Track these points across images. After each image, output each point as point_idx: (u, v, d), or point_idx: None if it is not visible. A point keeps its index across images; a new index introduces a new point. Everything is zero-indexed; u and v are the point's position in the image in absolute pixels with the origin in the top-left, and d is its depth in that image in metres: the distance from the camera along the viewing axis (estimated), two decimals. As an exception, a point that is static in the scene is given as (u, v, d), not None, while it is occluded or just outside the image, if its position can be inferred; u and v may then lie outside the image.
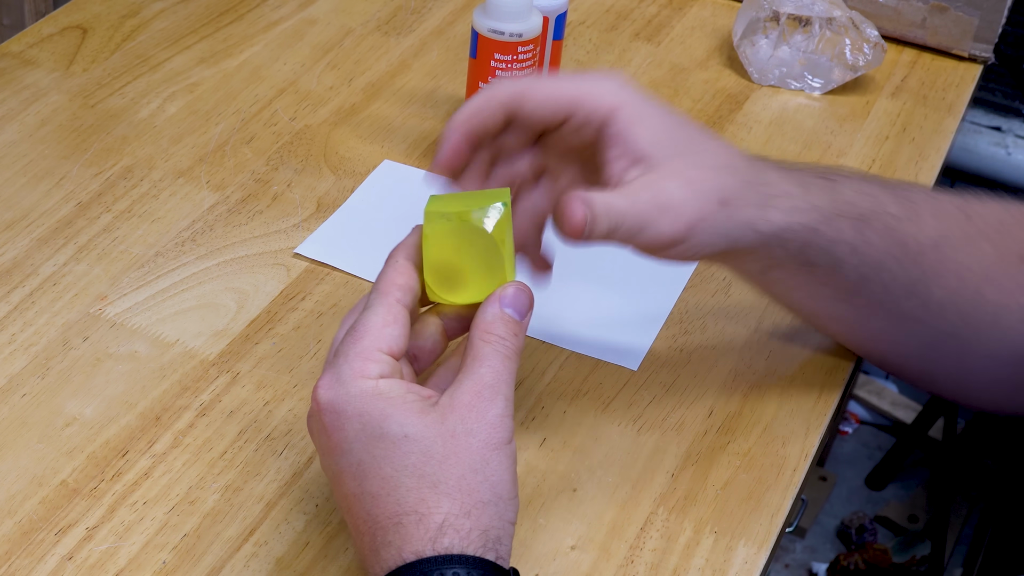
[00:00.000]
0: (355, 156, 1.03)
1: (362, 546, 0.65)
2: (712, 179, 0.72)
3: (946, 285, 0.79)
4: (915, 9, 1.21)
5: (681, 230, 0.71)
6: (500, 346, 0.66)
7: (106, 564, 0.72)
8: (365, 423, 0.64)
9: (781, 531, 0.78)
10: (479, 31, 0.96)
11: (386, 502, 0.64)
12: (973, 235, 0.79)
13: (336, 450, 0.65)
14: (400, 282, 0.68)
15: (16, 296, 0.88)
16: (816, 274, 0.78)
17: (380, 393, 0.65)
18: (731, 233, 0.73)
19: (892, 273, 0.78)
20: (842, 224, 0.75)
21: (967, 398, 0.87)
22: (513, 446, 0.66)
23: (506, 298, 0.68)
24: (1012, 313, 0.79)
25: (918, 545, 2.10)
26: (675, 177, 0.71)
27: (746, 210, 0.72)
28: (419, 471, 0.63)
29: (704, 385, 0.86)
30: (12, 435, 0.78)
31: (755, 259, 0.77)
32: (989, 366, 0.81)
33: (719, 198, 0.71)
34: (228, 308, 0.88)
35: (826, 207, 0.75)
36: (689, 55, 1.20)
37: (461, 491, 0.63)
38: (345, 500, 0.66)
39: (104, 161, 1.00)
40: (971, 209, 0.80)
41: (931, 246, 0.78)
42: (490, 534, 0.64)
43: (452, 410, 0.65)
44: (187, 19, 1.17)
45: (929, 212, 0.79)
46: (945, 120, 1.15)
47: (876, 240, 0.77)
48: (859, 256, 0.77)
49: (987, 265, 0.79)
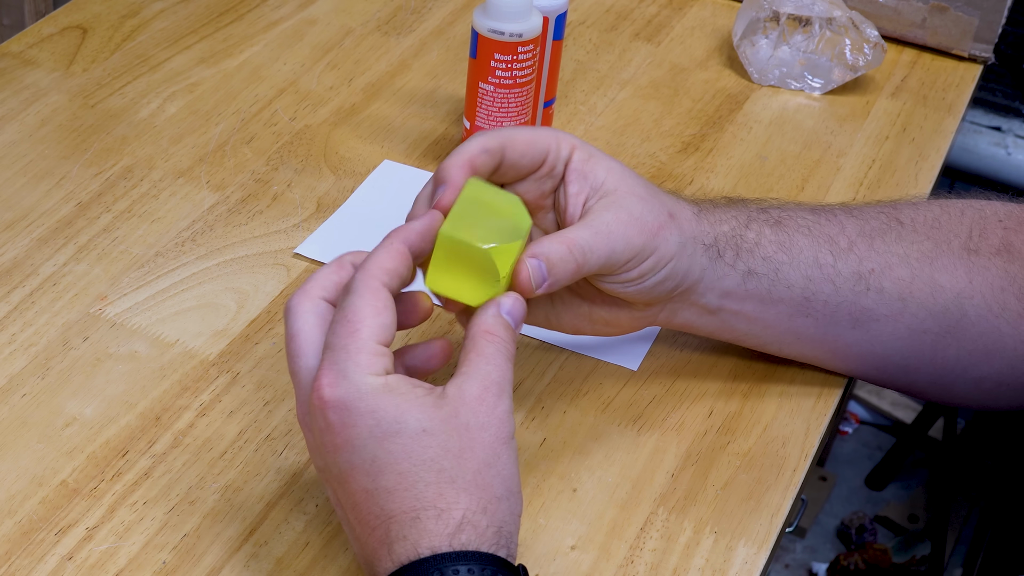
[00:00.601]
0: (355, 156, 1.03)
1: (370, 541, 0.65)
2: (657, 196, 0.77)
3: (897, 276, 0.80)
4: (915, 9, 1.21)
5: (648, 238, 0.75)
6: (502, 346, 0.68)
7: (106, 564, 0.72)
8: (379, 419, 0.64)
9: (781, 531, 0.78)
10: (479, 31, 0.96)
11: (404, 497, 0.64)
12: (907, 233, 0.82)
13: (344, 447, 0.65)
14: (389, 266, 0.68)
15: (16, 296, 0.88)
16: (763, 285, 0.80)
17: (391, 389, 0.65)
18: (685, 246, 0.77)
19: (834, 268, 0.80)
20: (761, 227, 0.80)
21: (952, 398, 0.87)
22: (516, 443, 0.67)
23: (505, 306, 0.69)
24: (972, 300, 0.80)
25: (918, 545, 2.10)
26: (629, 195, 0.76)
27: (688, 224, 0.78)
28: (438, 465, 0.64)
29: (704, 385, 0.86)
30: (12, 435, 0.78)
31: (708, 286, 0.79)
32: (965, 361, 0.82)
33: (668, 211, 0.77)
34: (228, 308, 0.88)
35: (740, 216, 0.80)
36: (689, 55, 1.20)
37: (478, 486, 0.64)
38: (352, 497, 0.66)
39: (104, 161, 1.00)
40: (903, 214, 0.83)
41: (861, 240, 0.81)
42: (504, 530, 0.64)
43: (463, 404, 0.65)
44: (187, 19, 1.17)
45: (845, 215, 0.82)
46: (945, 120, 1.15)
47: (800, 239, 0.80)
48: (791, 254, 0.80)
49: (932, 256, 0.81)
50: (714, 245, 0.78)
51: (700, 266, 0.78)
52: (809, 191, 1.05)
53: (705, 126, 1.11)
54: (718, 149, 1.08)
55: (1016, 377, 0.82)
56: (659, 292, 0.77)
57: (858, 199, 1.04)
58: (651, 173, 1.05)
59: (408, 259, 0.69)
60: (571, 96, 1.13)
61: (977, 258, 0.81)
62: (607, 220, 0.74)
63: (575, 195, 0.76)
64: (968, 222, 0.82)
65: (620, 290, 0.77)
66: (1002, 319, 0.80)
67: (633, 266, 0.75)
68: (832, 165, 1.08)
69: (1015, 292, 0.80)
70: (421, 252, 0.70)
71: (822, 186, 1.05)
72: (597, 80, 1.15)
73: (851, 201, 1.04)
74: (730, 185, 1.04)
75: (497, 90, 0.97)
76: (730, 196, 0.84)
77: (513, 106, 0.98)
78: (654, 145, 1.08)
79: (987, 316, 0.80)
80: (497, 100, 0.98)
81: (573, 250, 0.72)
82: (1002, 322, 0.80)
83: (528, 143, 0.75)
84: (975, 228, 0.82)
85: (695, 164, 1.06)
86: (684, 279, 0.78)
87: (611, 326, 0.81)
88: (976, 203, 0.84)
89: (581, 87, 1.14)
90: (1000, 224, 0.82)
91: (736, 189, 1.04)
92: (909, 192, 1.06)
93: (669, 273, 0.77)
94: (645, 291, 0.77)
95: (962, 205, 0.84)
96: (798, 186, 1.05)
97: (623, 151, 1.07)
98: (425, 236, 0.70)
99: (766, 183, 1.05)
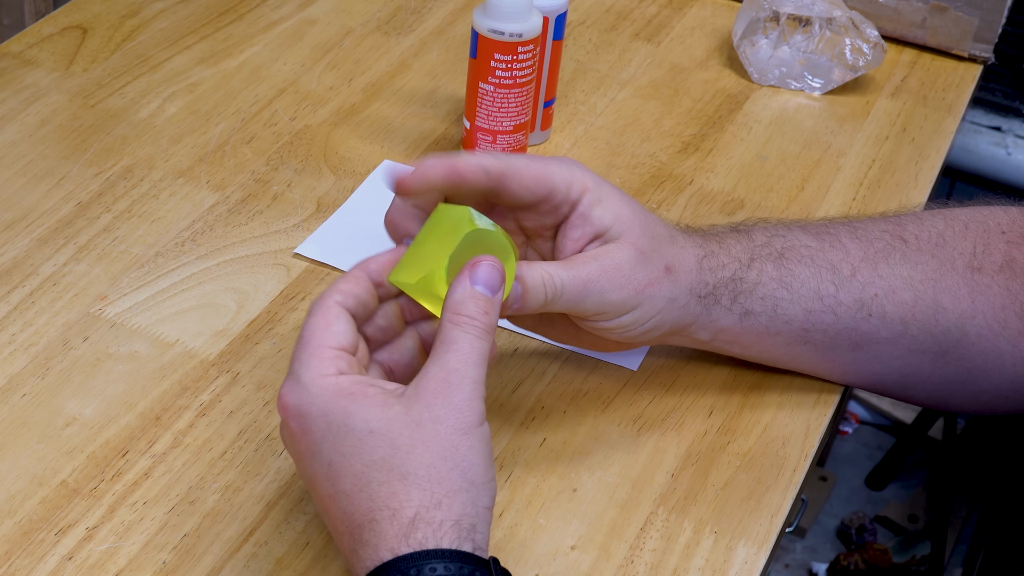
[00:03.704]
0: (355, 156, 1.03)
1: (343, 547, 0.65)
2: (659, 248, 0.76)
3: (901, 300, 0.80)
4: (915, 9, 1.21)
5: (630, 295, 0.74)
6: (469, 327, 0.66)
7: (106, 564, 0.72)
8: (330, 422, 0.64)
9: (781, 531, 0.78)
10: (479, 31, 0.96)
11: (360, 499, 0.64)
12: (912, 253, 0.81)
13: (307, 454, 0.65)
14: (343, 288, 0.69)
15: (16, 296, 0.88)
16: (760, 321, 0.79)
17: (341, 390, 0.65)
18: (677, 299, 0.76)
19: (836, 299, 0.79)
20: (763, 265, 0.79)
21: (949, 408, 0.87)
22: (485, 429, 0.65)
23: (476, 275, 0.68)
24: (974, 320, 0.80)
25: (918, 545, 2.09)
26: (628, 248, 0.75)
27: (685, 277, 0.77)
28: (388, 464, 0.63)
29: (704, 385, 0.86)
30: (12, 435, 0.78)
31: (700, 327, 0.79)
32: (964, 377, 0.82)
33: (665, 265, 0.76)
34: (228, 308, 0.88)
35: (743, 255, 0.79)
36: (689, 55, 1.20)
37: (430, 481, 0.63)
38: (322, 503, 0.66)
39: (104, 161, 1.00)
40: (907, 231, 0.82)
41: (864, 265, 0.80)
42: (463, 523, 0.63)
43: (417, 399, 0.65)
44: (187, 19, 1.17)
45: (849, 238, 0.81)
46: (945, 120, 1.15)
47: (802, 271, 0.79)
48: (791, 290, 0.79)
49: (936, 277, 0.80)
50: (711, 294, 0.78)
51: (693, 314, 0.78)
52: (809, 191, 1.05)
53: (705, 126, 1.11)
54: (718, 149, 1.08)
55: (1015, 391, 0.82)
56: (646, 338, 0.78)
57: (858, 199, 1.04)
58: (651, 173, 1.05)
59: (364, 281, 0.70)
60: (571, 96, 1.13)
61: (980, 276, 0.80)
62: (591, 269, 0.73)
63: (575, 240, 0.75)
64: (972, 236, 0.81)
65: (603, 333, 0.77)
66: (1002, 337, 0.80)
67: (607, 318, 0.75)
68: (832, 165, 1.08)
69: (1016, 310, 0.80)
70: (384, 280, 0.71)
71: (822, 186, 1.05)
72: (597, 80, 1.15)
73: (851, 200, 1.04)
74: (730, 185, 1.04)
75: (497, 90, 0.97)
76: (739, 225, 0.82)
77: (513, 106, 0.98)
78: (654, 145, 1.08)
79: (987, 335, 0.80)
80: (497, 100, 0.98)
81: (547, 284, 0.72)
82: (1002, 340, 0.80)
83: (536, 180, 0.74)
84: (979, 243, 0.81)
85: (695, 164, 1.06)
86: (674, 326, 0.78)
87: (599, 347, 0.81)
88: (979, 213, 0.83)
89: (581, 87, 1.14)
90: (1003, 237, 0.82)
91: (736, 189, 1.04)
92: (909, 192, 1.06)
93: (655, 324, 0.77)
94: (631, 337, 0.77)
95: (965, 217, 0.83)
96: (798, 186, 1.05)
97: (623, 151, 1.07)
98: (385, 265, 0.71)
99: (766, 183, 1.05)
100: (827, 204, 1.03)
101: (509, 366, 0.86)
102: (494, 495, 0.66)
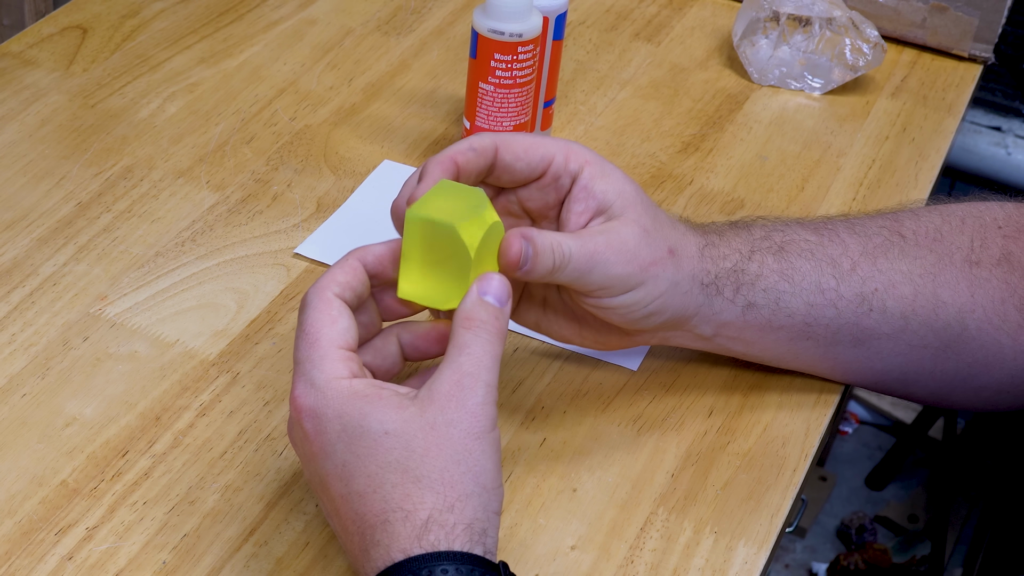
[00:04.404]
0: (355, 156, 1.03)
1: (352, 547, 0.66)
2: (662, 230, 0.76)
3: (900, 294, 0.80)
4: (915, 9, 1.21)
5: (635, 271, 0.74)
6: (482, 331, 0.67)
7: (106, 564, 0.72)
8: (346, 424, 0.65)
9: (781, 531, 0.78)
10: (479, 31, 0.96)
11: (373, 500, 0.64)
12: (910, 248, 0.81)
13: (320, 454, 0.66)
14: (341, 279, 0.69)
15: (16, 296, 0.88)
16: (763, 315, 0.79)
17: (356, 392, 0.65)
18: (680, 284, 0.76)
19: (837, 292, 0.79)
20: (763, 257, 0.79)
21: (951, 404, 0.87)
22: (496, 433, 0.66)
23: (485, 287, 0.69)
24: (974, 314, 0.80)
25: (918, 545, 2.10)
26: (633, 224, 0.75)
27: (688, 262, 0.77)
28: (402, 466, 0.64)
29: (704, 385, 0.86)
30: (12, 435, 0.78)
31: (703, 319, 0.79)
32: (965, 372, 0.82)
33: (669, 247, 0.76)
34: (228, 308, 0.88)
35: (744, 247, 0.79)
36: (689, 55, 1.20)
37: (444, 484, 0.64)
38: (332, 503, 0.66)
39: (104, 161, 1.00)
40: (904, 227, 0.82)
41: (864, 259, 0.80)
42: (475, 527, 0.64)
43: (431, 402, 0.65)
44: (187, 19, 1.17)
45: (847, 233, 0.81)
46: (945, 120, 1.15)
47: (802, 264, 0.80)
48: (793, 283, 0.79)
49: (935, 271, 0.80)
50: (713, 283, 0.78)
51: (696, 303, 0.78)
52: (809, 191, 1.05)
53: (705, 126, 1.11)
54: (718, 149, 1.08)
55: (1016, 385, 0.82)
56: (648, 324, 0.78)
57: (858, 199, 1.04)
58: (651, 173, 1.05)
59: (361, 273, 0.70)
60: (571, 96, 1.13)
61: (979, 270, 0.80)
62: (597, 242, 0.73)
63: (579, 214, 0.75)
64: (969, 231, 0.82)
65: (605, 315, 0.77)
66: (1002, 331, 0.80)
67: (611, 293, 0.75)
68: (832, 165, 1.08)
69: (1015, 303, 0.80)
70: (379, 272, 0.71)
71: (822, 186, 1.05)
72: (597, 80, 1.15)
73: (851, 200, 1.04)
74: (730, 185, 1.04)
75: (497, 90, 0.97)
76: (737, 221, 0.83)
77: (513, 106, 0.98)
78: (654, 145, 1.08)
79: (987, 329, 0.80)
80: (497, 100, 0.98)
81: (555, 250, 0.72)
82: (1002, 334, 0.80)
83: (526, 148, 0.74)
84: (976, 238, 0.81)
85: (695, 164, 1.06)
86: (676, 314, 0.78)
87: (600, 345, 0.81)
88: (975, 209, 0.84)
89: (581, 87, 1.14)
90: (1000, 231, 0.82)
91: (736, 189, 1.04)
92: (909, 192, 1.06)
93: (658, 308, 0.76)
94: (633, 321, 0.77)
95: (962, 212, 0.83)
96: (798, 186, 1.05)
97: (623, 151, 1.07)
98: (381, 257, 0.71)
99: (766, 183, 1.05)
100: (827, 204, 1.03)
101: (509, 366, 0.86)
102: (503, 500, 0.66)
